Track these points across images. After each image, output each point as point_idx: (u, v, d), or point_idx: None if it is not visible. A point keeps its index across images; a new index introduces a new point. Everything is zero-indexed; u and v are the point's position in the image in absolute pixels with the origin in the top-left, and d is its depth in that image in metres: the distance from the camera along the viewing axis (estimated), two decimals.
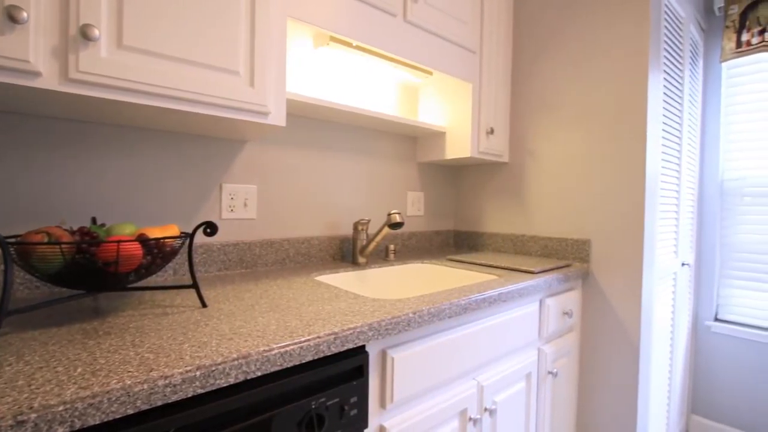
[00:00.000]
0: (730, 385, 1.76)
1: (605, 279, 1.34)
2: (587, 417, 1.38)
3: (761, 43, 1.59)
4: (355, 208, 1.49)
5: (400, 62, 1.38)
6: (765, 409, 1.67)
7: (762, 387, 1.68)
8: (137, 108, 0.78)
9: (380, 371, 0.75)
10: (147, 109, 0.80)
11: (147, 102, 0.74)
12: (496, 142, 1.57)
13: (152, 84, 0.74)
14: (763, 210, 1.69)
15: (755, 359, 1.70)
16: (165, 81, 0.75)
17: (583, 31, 1.41)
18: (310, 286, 0.97)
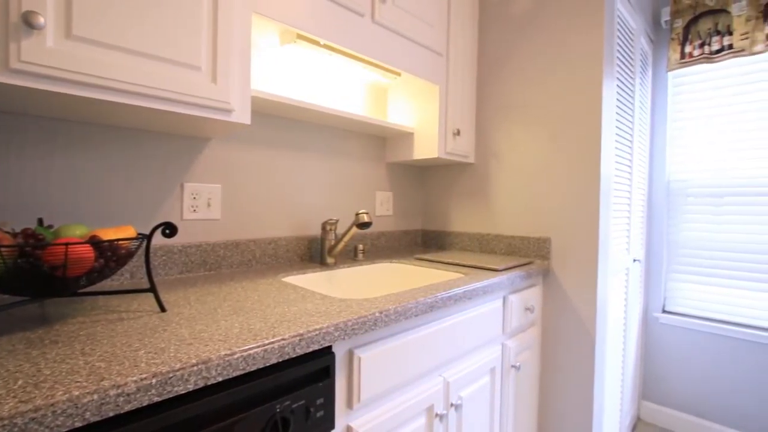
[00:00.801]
0: (677, 372, 1.90)
1: (564, 275, 1.40)
2: (549, 407, 1.44)
3: (701, 55, 1.73)
4: (323, 208, 1.48)
5: (368, 62, 1.38)
6: (708, 392, 1.82)
7: (705, 373, 1.82)
8: (88, 102, 0.74)
9: (347, 371, 0.75)
10: (99, 104, 0.75)
11: (98, 96, 0.70)
12: (463, 144, 1.61)
13: (104, 77, 0.70)
14: (705, 209, 1.84)
15: (699, 348, 1.84)
16: (119, 74, 0.71)
17: (544, 40, 1.47)
18: (276, 287, 0.95)
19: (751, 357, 1.70)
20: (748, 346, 1.71)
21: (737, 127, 1.75)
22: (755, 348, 1.69)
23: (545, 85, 1.46)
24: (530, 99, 1.50)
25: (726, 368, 1.76)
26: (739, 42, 1.63)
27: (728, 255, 1.77)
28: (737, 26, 1.64)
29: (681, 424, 1.88)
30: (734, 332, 1.72)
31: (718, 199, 1.80)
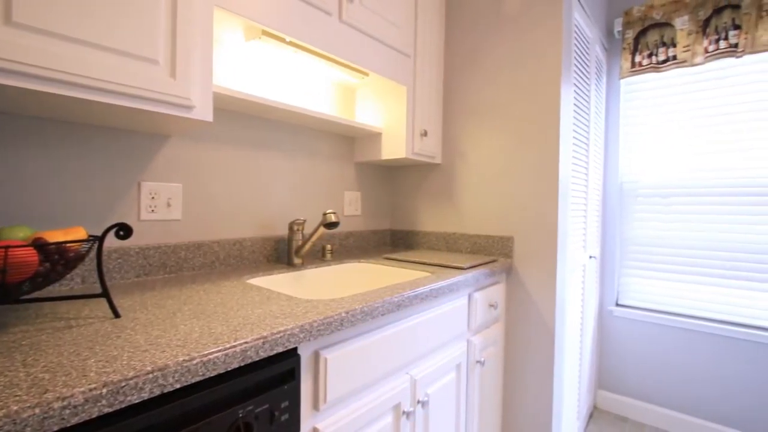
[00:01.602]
0: (630, 361, 2.03)
1: (526, 272, 1.46)
2: (512, 399, 1.50)
3: (649, 65, 1.85)
4: (291, 208, 1.46)
5: (335, 61, 1.38)
6: (658, 379, 1.95)
7: (655, 362, 1.95)
8: (32, 95, 0.69)
9: (313, 373, 0.75)
10: (44, 97, 0.70)
11: (42, 88, 0.66)
12: (430, 144, 1.64)
13: (49, 68, 0.65)
14: (653, 208, 1.97)
15: (649, 338, 1.97)
16: (67, 65, 0.67)
17: (507, 45, 1.52)
18: (240, 289, 0.93)
19: (696, 345, 1.84)
20: (694, 336, 1.85)
21: (681, 133, 1.89)
22: (700, 337, 1.83)
23: (508, 88, 1.51)
24: (494, 102, 1.55)
25: (673, 356, 1.90)
26: (681, 54, 1.76)
27: (675, 251, 1.91)
28: (680, 39, 1.76)
29: (634, 410, 2.00)
30: (680, 323, 1.86)
31: (665, 199, 1.93)
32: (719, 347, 1.78)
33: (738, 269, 1.75)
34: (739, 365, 1.73)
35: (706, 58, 1.71)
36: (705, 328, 1.80)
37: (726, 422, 1.77)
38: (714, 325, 1.78)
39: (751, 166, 1.72)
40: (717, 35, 1.68)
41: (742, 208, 1.74)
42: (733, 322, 1.77)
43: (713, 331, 1.78)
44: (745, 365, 1.72)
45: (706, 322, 1.81)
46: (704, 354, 1.82)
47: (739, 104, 1.74)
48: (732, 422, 1.75)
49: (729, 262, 1.77)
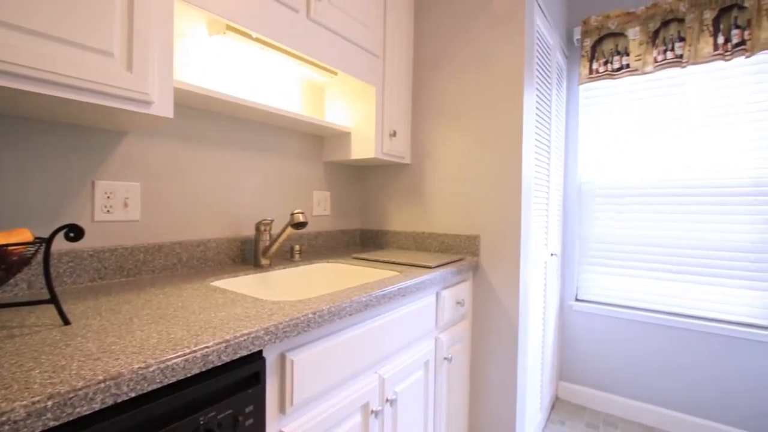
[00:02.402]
0: (588, 353, 2.13)
1: (491, 269, 1.51)
2: (478, 393, 1.54)
3: (605, 72, 1.95)
4: (258, 208, 1.42)
5: (304, 60, 1.36)
6: (612, 369, 2.06)
7: (610, 352, 2.07)
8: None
9: (279, 375, 0.74)
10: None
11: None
12: (399, 144, 1.65)
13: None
14: (608, 208, 2.08)
15: (605, 330, 2.08)
16: (10, 55, 0.62)
17: (473, 48, 1.55)
18: (203, 292, 0.90)
19: (647, 336, 1.97)
20: (644, 327, 1.97)
21: (635, 137, 2.01)
22: (650, 328, 1.96)
23: (474, 90, 1.55)
24: (461, 103, 1.59)
25: (626, 347, 2.02)
26: (634, 62, 1.87)
27: (629, 248, 2.03)
28: (633, 48, 1.88)
29: (592, 399, 2.11)
30: (633, 315, 1.98)
31: (620, 199, 2.05)
32: (666, 337, 1.91)
33: (684, 264, 1.88)
34: (684, 353, 1.87)
35: (656, 67, 1.82)
36: (654, 320, 1.92)
37: (672, 406, 1.90)
38: (662, 316, 1.90)
39: (695, 170, 1.86)
40: (665, 46, 1.80)
41: (688, 208, 1.87)
42: (679, 313, 1.90)
43: (661, 322, 1.91)
44: (688, 353, 1.86)
45: (656, 314, 1.93)
46: (654, 344, 1.94)
47: (685, 111, 1.88)
48: (676, 405, 1.89)
49: (676, 257, 1.90)
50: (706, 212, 1.83)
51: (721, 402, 1.79)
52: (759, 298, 1.73)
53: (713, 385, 1.81)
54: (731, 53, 1.65)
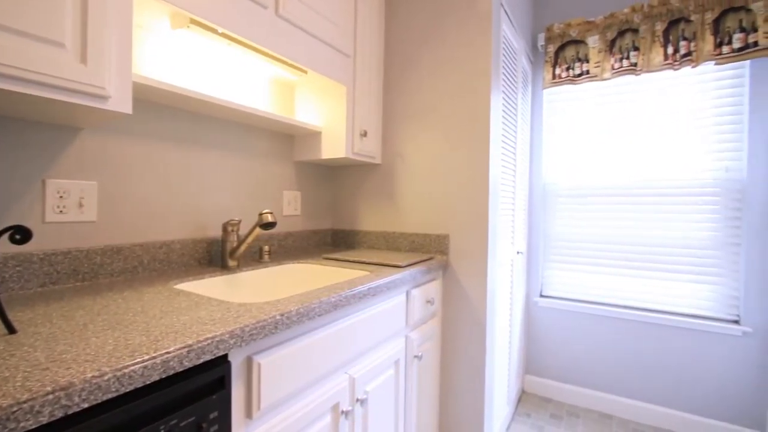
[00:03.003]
0: (552, 347, 2.22)
1: (460, 268, 1.54)
2: (448, 389, 1.57)
3: (567, 78, 2.04)
4: (225, 208, 1.39)
5: (272, 57, 1.34)
6: (574, 361, 2.16)
7: (573, 346, 2.16)
8: None
9: (245, 379, 0.72)
10: None
11: None
12: (369, 144, 1.66)
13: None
14: (571, 208, 2.18)
15: (568, 324, 2.17)
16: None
17: (442, 50, 1.58)
18: (166, 296, 0.86)
19: (607, 329, 2.07)
20: (605, 321, 2.08)
21: (596, 140, 2.11)
22: (610, 322, 2.06)
23: (443, 92, 1.58)
24: (430, 104, 1.61)
25: (589, 340, 2.12)
26: (593, 69, 1.97)
27: (590, 245, 2.13)
28: (592, 56, 1.97)
29: (557, 391, 2.20)
30: (594, 310, 2.08)
31: (582, 199, 2.15)
32: (623, 329, 2.02)
33: (639, 260, 2.00)
34: (639, 344, 1.99)
35: (613, 74, 1.93)
36: (612, 313, 2.03)
37: (628, 394, 2.01)
38: (620, 310, 2.01)
39: (649, 172, 1.98)
40: (621, 54, 1.90)
41: (643, 208, 1.99)
42: (635, 306, 2.02)
43: (619, 315, 2.02)
44: (642, 344, 1.98)
45: (614, 307, 2.04)
46: (612, 336, 2.05)
47: (640, 116, 1.99)
48: (633, 393, 2.00)
49: (633, 254, 2.02)
50: (659, 212, 1.95)
51: (672, 388, 1.92)
52: (705, 291, 1.86)
53: (665, 373, 1.93)
54: (680, 63, 1.77)
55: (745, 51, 1.64)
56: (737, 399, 1.78)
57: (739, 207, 1.79)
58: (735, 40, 1.66)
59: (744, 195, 1.77)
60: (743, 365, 1.77)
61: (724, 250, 1.81)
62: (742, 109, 1.78)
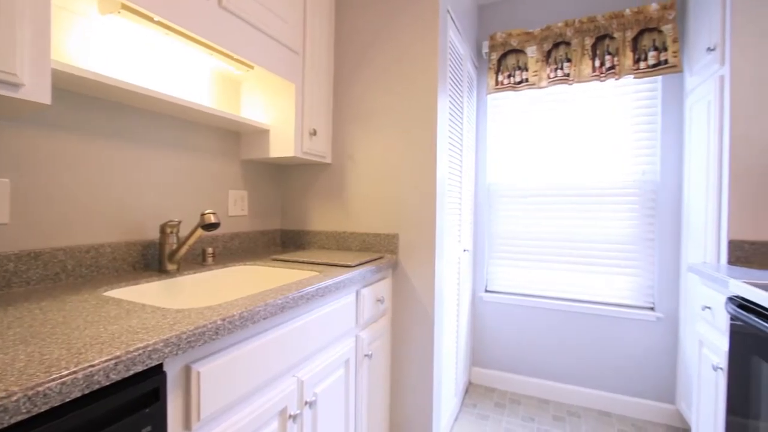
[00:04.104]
0: (497, 339, 2.35)
1: (409, 266, 1.58)
2: (398, 385, 1.60)
3: (509, 84, 2.16)
4: (164, 209, 1.30)
5: (215, 50, 1.28)
6: (516, 351, 2.30)
7: (515, 337, 2.30)
8: None
9: (183, 389, 0.69)
10: None
11: None
12: (319, 144, 1.64)
13: None
14: (512, 207, 2.31)
15: (510, 317, 2.31)
16: None
17: (391, 54, 1.61)
18: (93, 304, 0.80)
19: (545, 320, 2.23)
20: (543, 313, 2.23)
21: (535, 143, 2.25)
22: (548, 313, 2.22)
23: (392, 93, 1.61)
24: (380, 106, 1.63)
25: (529, 331, 2.26)
26: (532, 77, 2.10)
27: (530, 242, 2.27)
28: (531, 65, 2.11)
29: (501, 381, 2.33)
30: (534, 302, 2.23)
31: (523, 198, 2.29)
32: (560, 320, 2.19)
33: (573, 255, 2.17)
34: (573, 333, 2.16)
35: (549, 83, 2.07)
36: (549, 305, 2.19)
37: (564, 380, 2.18)
38: (556, 302, 2.17)
39: (582, 174, 2.15)
40: (556, 65, 2.05)
41: (577, 207, 2.16)
42: (569, 298, 2.19)
43: (555, 307, 2.18)
44: (576, 332, 2.15)
45: (550, 300, 2.20)
46: (549, 326, 2.21)
47: (574, 123, 2.16)
48: (568, 379, 2.17)
49: (567, 250, 2.18)
50: (588, 211, 2.13)
51: (600, 371, 2.11)
52: (630, 283, 2.07)
53: (593, 358, 2.12)
54: (605, 75, 1.94)
55: (658, 67, 1.84)
56: (653, 377, 2.00)
57: (653, 206, 2.00)
58: (650, 57, 1.86)
59: (657, 195, 1.99)
60: (657, 347, 1.99)
61: (642, 245, 2.03)
62: (655, 119, 2.00)
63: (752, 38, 1.44)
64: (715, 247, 1.54)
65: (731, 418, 1.17)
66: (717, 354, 1.30)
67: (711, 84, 1.59)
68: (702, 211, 1.67)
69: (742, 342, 1.13)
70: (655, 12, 1.84)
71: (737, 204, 1.46)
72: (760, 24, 1.43)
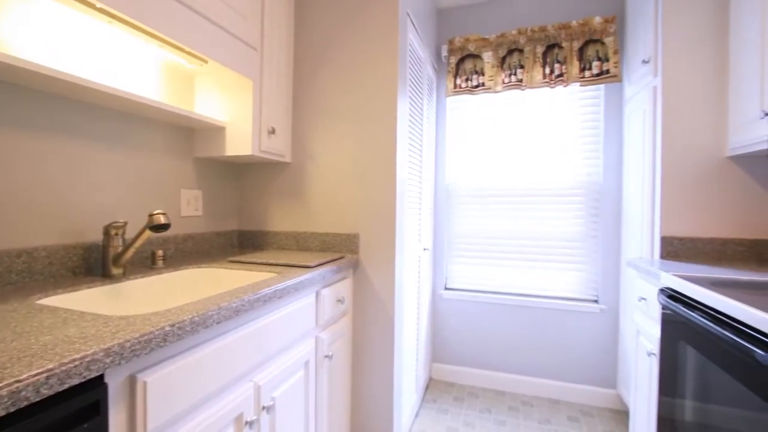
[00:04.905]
0: (456, 335, 2.42)
1: (370, 266, 1.59)
2: (359, 384, 1.61)
3: (466, 88, 2.23)
4: (108, 210, 1.22)
5: (166, 41, 1.21)
6: (475, 346, 2.38)
7: (473, 332, 2.38)
8: None
9: (128, 401, 0.65)
10: None
11: None
12: (278, 142, 1.61)
13: None
14: (471, 207, 2.39)
15: (468, 313, 2.38)
16: None
17: (352, 54, 1.61)
18: (23, 314, 0.73)
19: (500, 315, 2.32)
20: (498, 308, 2.32)
21: (490, 146, 2.34)
22: (503, 308, 2.31)
23: (353, 94, 1.61)
24: (341, 106, 1.63)
25: (486, 326, 2.35)
26: (488, 82, 2.18)
27: (486, 241, 2.36)
28: (487, 70, 2.19)
29: (460, 375, 2.40)
30: (490, 298, 2.31)
31: (480, 199, 2.37)
32: (513, 314, 2.29)
33: (526, 252, 2.28)
34: (525, 326, 2.27)
35: (504, 88, 2.16)
36: (504, 300, 2.29)
37: (517, 371, 2.29)
38: (510, 297, 2.27)
39: (535, 175, 2.26)
40: (510, 71, 2.14)
41: (530, 207, 2.27)
42: (523, 293, 2.30)
43: (509, 302, 2.28)
44: (528, 325, 2.26)
45: (505, 295, 2.30)
46: (504, 321, 2.31)
47: (527, 126, 2.27)
48: (521, 370, 2.28)
49: (521, 247, 2.29)
50: (540, 210, 2.25)
51: (550, 361, 2.23)
52: (577, 277, 2.20)
53: (544, 349, 2.24)
54: (555, 82, 2.06)
55: (601, 77, 1.98)
56: (597, 365, 2.15)
57: (597, 206, 2.15)
58: (594, 66, 1.99)
59: (601, 196, 2.13)
60: (600, 337, 2.14)
61: (587, 242, 2.17)
62: (599, 125, 2.14)
63: (682, 52, 1.58)
64: (649, 244, 1.69)
65: (663, 398, 1.29)
66: (651, 341, 1.42)
67: (646, 94, 1.73)
68: (638, 210, 1.81)
69: (671, 330, 1.25)
70: (598, 24, 1.97)
71: (668, 204, 1.60)
72: (690, 39, 1.57)
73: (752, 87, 1.37)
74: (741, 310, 0.87)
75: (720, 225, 1.55)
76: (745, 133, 1.41)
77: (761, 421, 0.81)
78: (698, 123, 1.56)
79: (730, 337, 0.88)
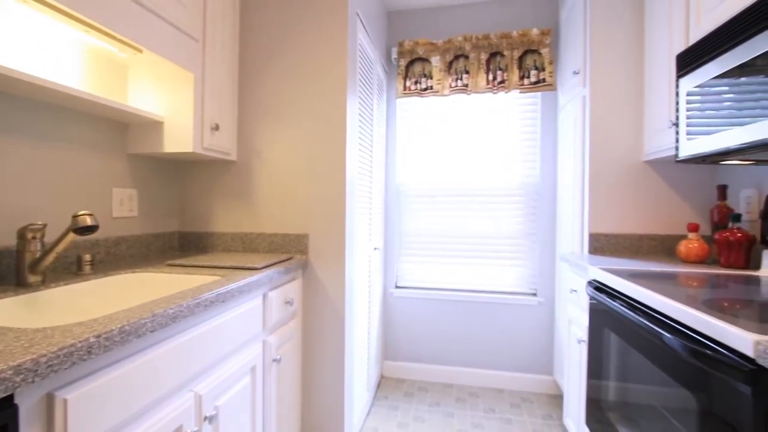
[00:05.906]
0: (406, 331, 2.46)
1: (320, 266, 1.57)
2: (310, 387, 1.59)
3: (415, 90, 2.29)
4: (25, 211, 1.10)
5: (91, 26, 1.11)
6: (424, 342, 2.44)
7: (422, 328, 2.44)
8: None
9: (45, 422, 0.59)
10: None
11: None
12: (223, 139, 1.54)
13: None
14: (419, 207, 2.45)
15: (417, 310, 2.44)
16: None
17: (301, 52, 1.58)
18: None
19: (447, 310, 2.40)
20: (445, 304, 2.40)
21: (438, 147, 2.42)
22: (449, 304, 2.40)
23: (302, 92, 1.58)
24: (289, 103, 1.59)
25: (433, 321, 2.42)
26: (436, 85, 2.25)
27: (434, 239, 2.43)
28: (435, 74, 2.25)
29: (410, 371, 2.45)
30: (436, 295, 2.39)
31: (430, 198, 2.43)
32: (459, 309, 2.38)
33: (471, 250, 2.38)
34: (470, 320, 2.37)
35: (451, 91, 2.24)
36: (450, 296, 2.37)
37: (463, 364, 2.39)
38: (456, 293, 2.37)
39: (480, 176, 2.37)
40: (456, 75, 2.22)
41: (475, 206, 2.37)
42: (468, 289, 2.40)
43: (455, 298, 2.37)
44: (472, 319, 2.37)
45: (451, 291, 2.39)
46: (450, 316, 2.40)
47: (473, 129, 2.37)
48: (467, 362, 2.38)
49: (466, 245, 2.39)
50: (484, 210, 2.36)
51: (494, 353, 2.35)
52: (518, 272, 2.34)
53: (489, 341, 2.36)
54: (497, 88, 2.17)
55: (538, 85, 2.12)
56: (535, 354, 2.31)
57: (535, 205, 2.30)
58: (532, 75, 2.13)
59: (539, 196, 2.29)
60: (538, 327, 2.30)
61: (527, 239, 2.32)
62: (536, 129, 2.30)
63: (607, 65, 1.74)
64: (579, 240, 1.84)
65: (591, 381, 1.41)
66: (581, 329, 1.56)
67: (576, 102, 1.88)
68: (570, 209, 1.97)
69: (597, 318, 1.37)
70: (536, 36, 2.11)
71: (595, 204, 1.75)
72: (615, 52, 1.73)
73: (662, 98, 1.54)
74: (652, 298, 0.98)
75: (637, 222, 1.73)
76: (657, 140, 1.58)
77: (671, 395, 0.92)
78: (620, 131, 1.73)
79: (644, 323, 0.98)
